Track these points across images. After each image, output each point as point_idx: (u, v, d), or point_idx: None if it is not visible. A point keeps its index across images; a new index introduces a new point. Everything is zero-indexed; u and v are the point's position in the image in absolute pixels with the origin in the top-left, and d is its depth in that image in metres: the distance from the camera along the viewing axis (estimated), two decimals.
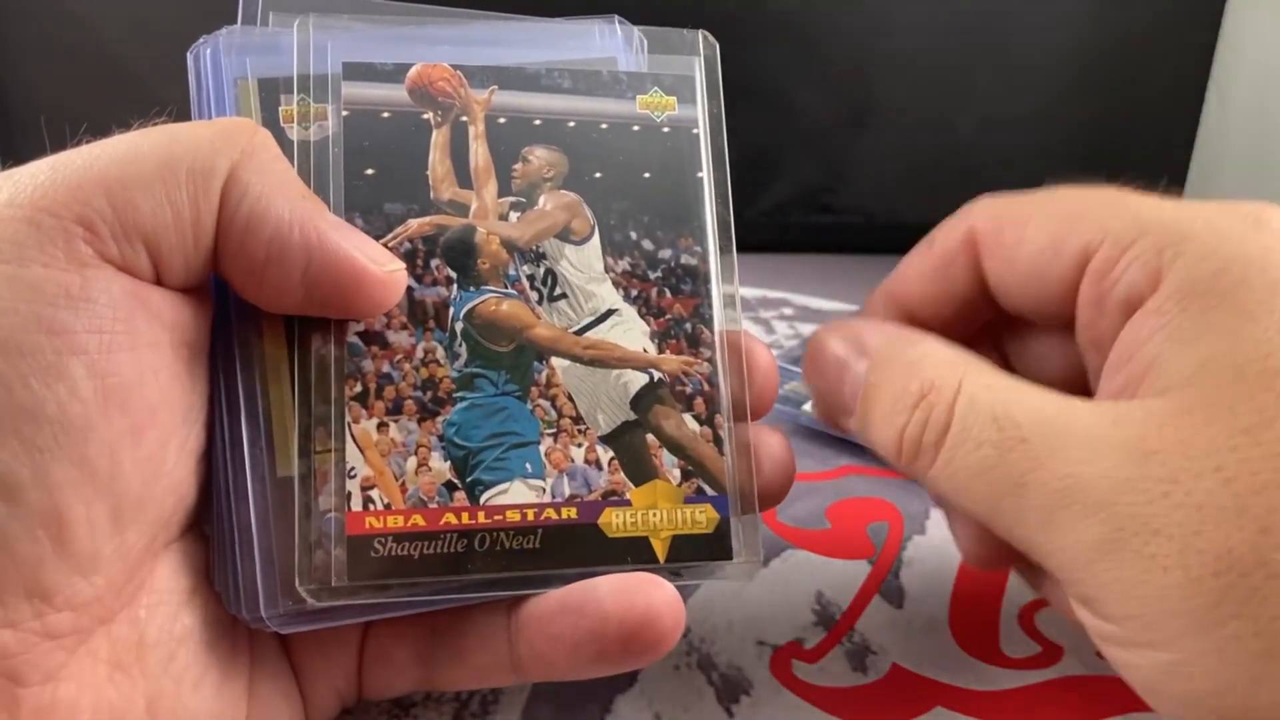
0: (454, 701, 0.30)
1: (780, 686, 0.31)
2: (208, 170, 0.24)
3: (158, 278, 0.24)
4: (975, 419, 0.25)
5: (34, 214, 0.22)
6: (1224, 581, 0.21)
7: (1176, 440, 0.23)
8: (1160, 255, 0.25)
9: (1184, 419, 0.23)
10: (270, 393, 0.26)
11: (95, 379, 0.22)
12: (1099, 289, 0.26)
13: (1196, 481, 0.22)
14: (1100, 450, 0.23)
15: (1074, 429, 0.24)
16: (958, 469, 0.25)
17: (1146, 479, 0.23)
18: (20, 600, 0.22)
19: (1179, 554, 0.22)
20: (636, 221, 0.30)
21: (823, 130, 0.65)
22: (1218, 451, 0.22)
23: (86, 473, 0.22)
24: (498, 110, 0.29)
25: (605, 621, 0.25)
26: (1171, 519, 0.22)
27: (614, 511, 0.28)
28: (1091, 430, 0.24)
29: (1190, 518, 0.22)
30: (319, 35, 0.28)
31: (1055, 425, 0.24)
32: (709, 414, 0.29)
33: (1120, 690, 0.31)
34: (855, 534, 0.38)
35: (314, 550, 0.25)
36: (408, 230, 0.28)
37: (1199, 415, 0.23)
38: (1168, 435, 0.23)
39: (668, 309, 0.29)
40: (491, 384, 0.28)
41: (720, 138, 0.30)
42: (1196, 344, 0.24)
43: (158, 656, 0.24)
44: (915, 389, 0.26)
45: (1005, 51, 0.62)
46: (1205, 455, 0.22)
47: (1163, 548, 0.22)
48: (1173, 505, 0.22)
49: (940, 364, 0.27)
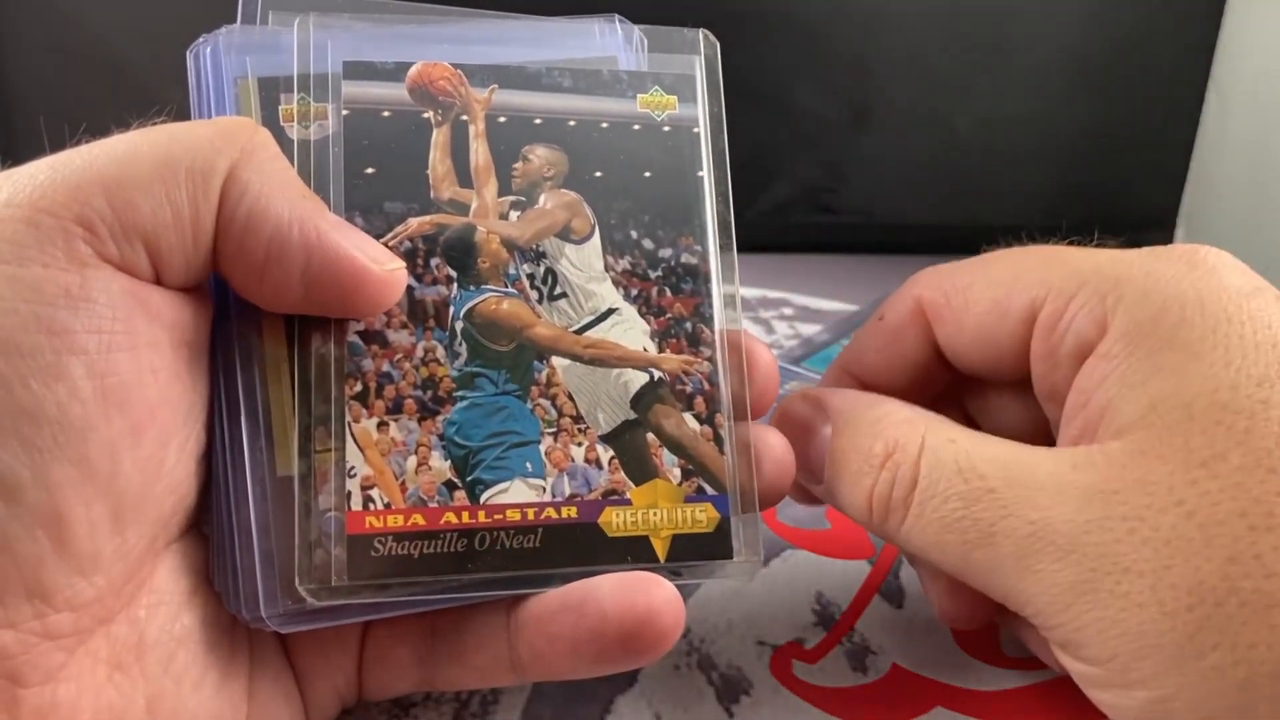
0: (454, 702, 0.30)
1: (780, 686, 0.31)
2: (207, 170, 0.24)
3: (157, 277, 0.24)
4: (941, 473, 0.26)
5: (33, 214, 0.22)
6: (1198, 614, 0.22)
7: (1136, 479, 0.23)
8: (1103, 302, 0.26)
9: (1142, 458, 0.23)
10: (270, 392, 0.26)
11: (95, 379, 0.22)
12: (1049, 343, 0.27)
13: (1161, 517, 0.23)
14: (1065, 494, 0.24)
15: (1037, 475, 0.25)
16: (928, 524, 0.26)
17: (1111, 518, 0.23)
18: (20, 600, 0.22)
19: (1151, 590, 0.22)
20: (637, 220, 0.30)
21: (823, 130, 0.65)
22: (1177, 487, 0.23)
23: (86, 473, 0.22)
24: (498, 109, 0.29)
25: (605, 621, 0.25)
26: (1140, 555, 0.22)
27: (614, 511, 0.27)
28: (1054, 475, 0.24)
29: (1159, 553, 0.22)
30: (319, 34, 0.28)
31: (1019, 473, 0.25)
32: (709, 413, 0.29)
33: None
34: (855, 534, 0.38)
35: (314, 550, 0.25)
36: (408, 229, 0.28)
37: (1156, 453, 0.23)
38: (1128, 475, 0.23)
39: (668, 308, 0.29)
40: (492, 383, 0.28)
41: (721, 137, 0.30)
42: (1146, 385, 0.24)
43: (158, 657, 0.24)
44: (880, 449, 0.27)
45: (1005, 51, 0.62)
46: (1166, 491, 0.23)
47: (1135, 585, 0.22)
48: (1140, 541, 0.22)
49: (901, 423, 0.28)
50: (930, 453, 0.26)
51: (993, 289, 0.28)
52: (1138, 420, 0.24)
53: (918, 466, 0.26)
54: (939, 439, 0.27)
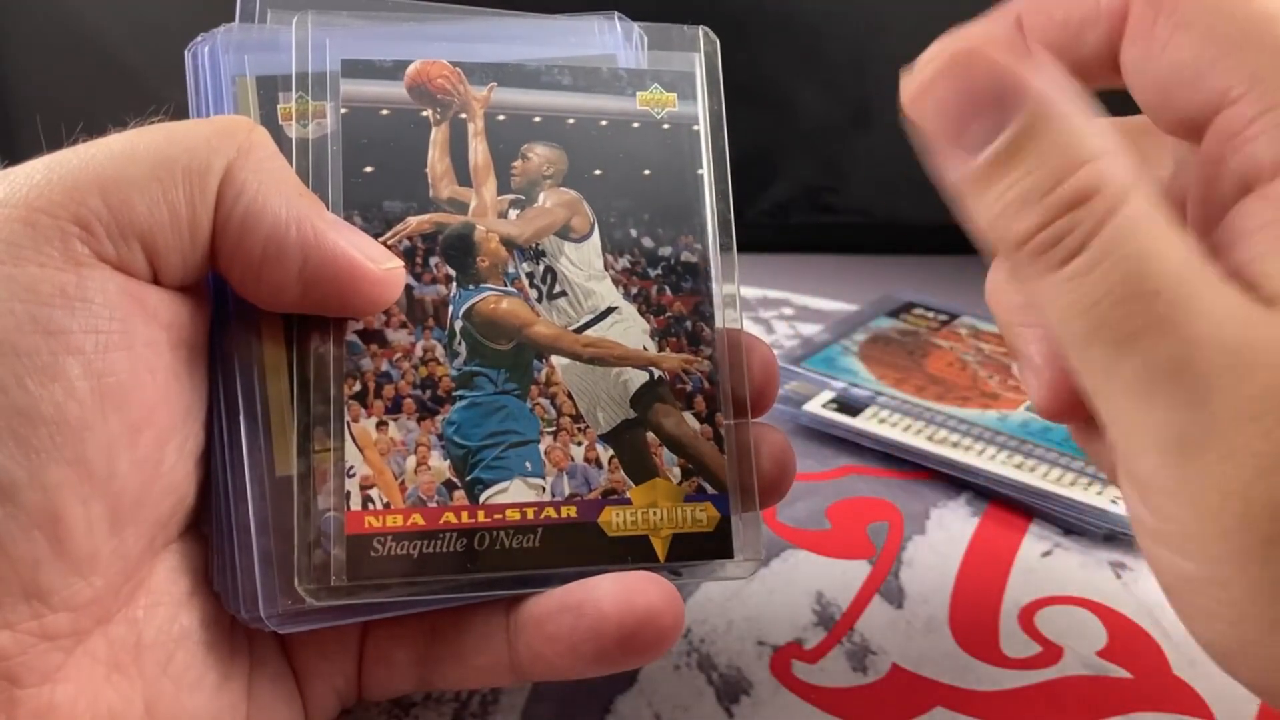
0: (454, 702, 0.30)
1: (780, 686, 0.31)
2: (204, 169, 0.24)
3: (155, 277, 0.24)
4: (1120, 247, 0.22)
5: (29, 214, 0.22)
6: (1276, 528, 0.20)
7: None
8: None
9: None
10: (269, 392, 0.26)
11: (92, 379, 0.22)
12: (1221, 148, 0.23)
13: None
14: (1223, 346, 0.21)
15: (1210, 312, 0.21)
16: (1075, 289, 0.22)
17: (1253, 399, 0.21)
18: (18, 601, 0.22)
19: (1246, 486, 0.21)
20: (636, 219, 0.29)
21: (823, 130, 0.65)
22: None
23: (83, 473, 0.22)
24: (497, 107, 0.29)
25: (604, 621, 0.25)
26: (1256, 448, 0.21)
27: (614, 510, 0.27)
28: (1225, 321, 0.21)
29: (1272, 454, 0.21)
30: (318, 32, 0.28)
31: (1191, 294, 0.22)
32: (709, 412, 0.29)
33: (1120, 690, 0.31)
34: (855, 534, 0.38)
35: (313, 550, 0.25)
36: (407, 228, 0.28)
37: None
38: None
39: (668, 307, 0.29)
40: (491, 382, 0.28)
41: (721, 135, 0.30)
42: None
43: (156, 657, 0.24)
44: (1076, 187, 0.22)
45: None
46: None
47: (1235, 470, 0.21)
48: (1262, 434, 0.21)
49: (1113, 169, 0.23)
50: (1124, 218, 0.22)
51: (1202, 44, 0.23)
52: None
53: (1103, 225, 0.22)
54: (1139, 209, 0.22)
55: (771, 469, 0.29)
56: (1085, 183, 0.22)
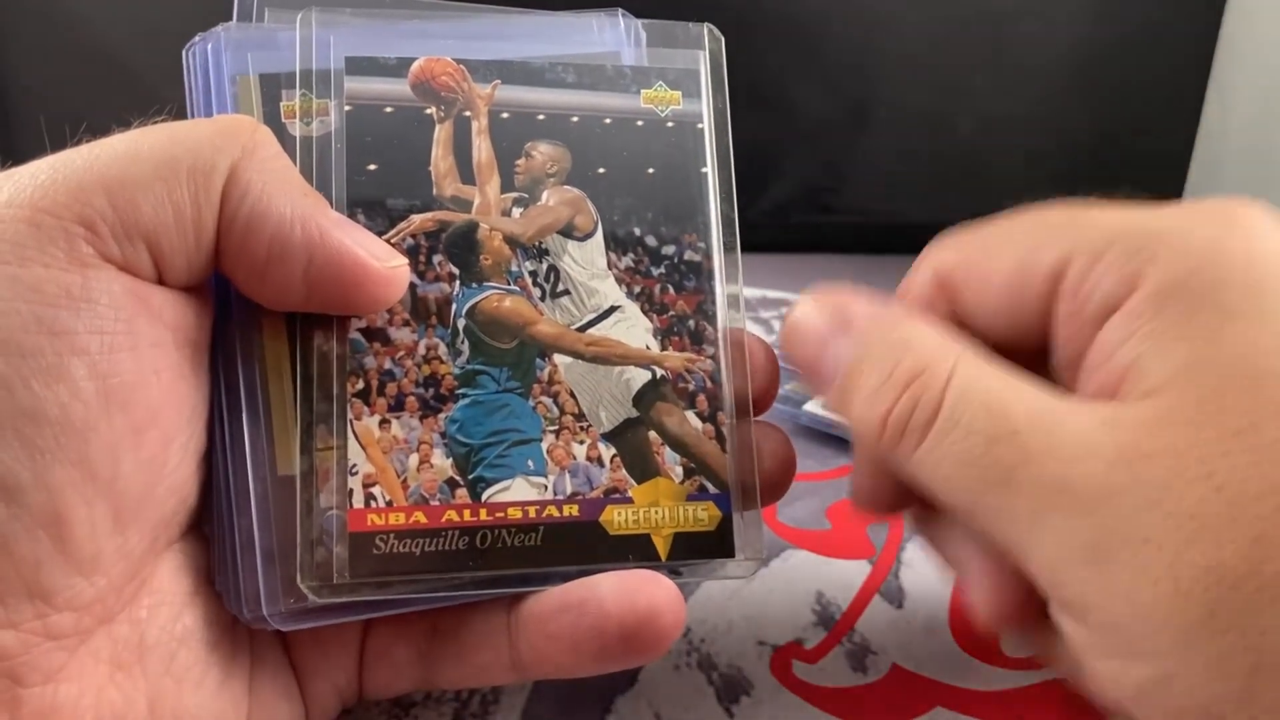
0: (454, 701, 0.30)
1: (780, 686, 0.31)
2: (208, 169, 0.24)
3: (159, 277, 0.24)
4: (966, 406, 0.24)
5: (34, 214, 0.22)
6: (1214, 595, 0.21)
7: (1166, 445, 0.22)
8: (1133, 259, 0.24)
9: (1171, 423, 0.22)
10: (271, 391, 0.26)
11: (96, 380, 0.22)
12: (1074, 304, 0.25)
13: (1188, 488, 0.21)
14: (1093, 451, 0.23)
15: (1067, 427, 0.23)
16: (944, 455, 0.24)
17: (1138, 485, 0.22)
18: (21, 601, 0.22)
19: (1169, 566, 0.21)
20: (640, 217, 0.29)
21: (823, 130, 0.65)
22: (1210, 458, 0.22)
23: (87, 473, 0.22)
24: (501, 105, 0.29)
25: (605, 619, 0.25)
26: (1163, 528, 0.21)
27: (616, 509, 0.27)
28: (1084, 430, 0.23)
29: (1182, 527, 0.21)
30: (321, 30, 0.28)
31: (1048, 421, 0.24)
32: (711, 411, 0.29)
33: None
34: (855, 534, 0.38)
35: (315, 547, 0.25)
36: (410, 226, 0.28)
37: (1186, 419, 0.22)
38: (1157, 441, 0.22)
39: (671, 305, 0.29)
40: (494, 381, 0.28)
41: (725, 133, 0.30)
42: (1178, 344, 0.23)
43: (159, 656, 0.24)
44: (906, 370, 0.26)
45: (1005, 51, 0.62)
46: (1198, 462, 0.22)
47: (1153, 558, 0.21)
48: (1164, 514, 0.21)
49: (933, 347, 0.26)
50: (959, 382, 0.25)
51: (1017, 252, 0.27)
52: (1167, 381, 0.23)
53: (943, 395, 0.25)
54: (969, 370, 0.25)
55: (774, 468, 0.29)
56: (914, 361, 0.25)
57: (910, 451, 0.25)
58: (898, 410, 0.25)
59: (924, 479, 0.25)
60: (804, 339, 0.28)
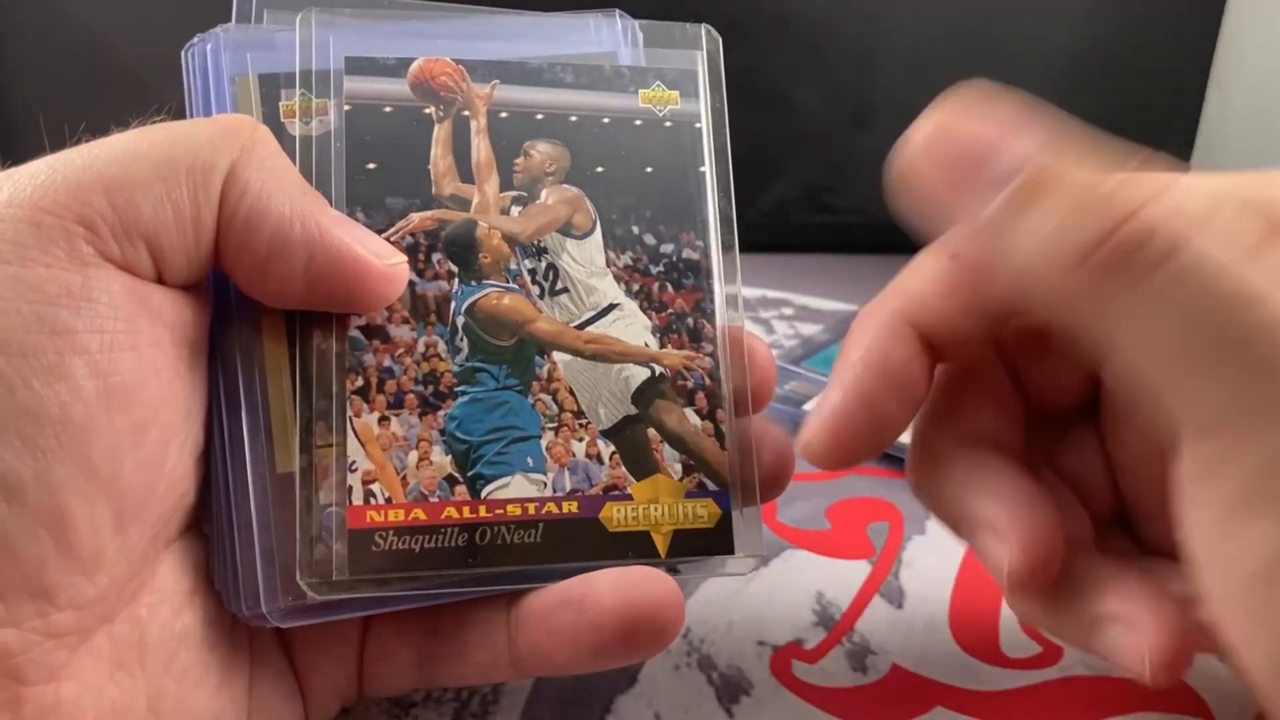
0: (454, 701, 0.30)
1: (780, 686, 0.31)
2: (207, 168, 0.24)
3: (159, 276, 0.24)
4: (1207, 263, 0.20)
5: (34, 214, 0.22)
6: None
7: None
8: None
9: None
10: (270, 388, 0.26)
11: (97, 379, 0.22)
12: None
13: None
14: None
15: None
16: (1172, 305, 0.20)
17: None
18: (23, 599, 0.22)
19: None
20: (638, 216, 0.30)
21: (823, 130, 0.65)
22: None
23: (88, 472, 0.22)
24: (500, 105, 0.29)
25: (605, 615, 0.25)
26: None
27: (615, 506, 0.27)
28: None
29: None
30: (321, 30, 0.28)
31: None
32: (710, 408, 0.29)
33: (1120, 690, 0.31)
34: (855, 534, 0.38)
35: (315, 544, 0.25)
36: (409, 224, 0.28)
37: None
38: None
39: (669, 303, 0.29)
40: (493, 378, 0.28)
41: (723, 132, 0.30)
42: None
43: (159, 655, 0.24)
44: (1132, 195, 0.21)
45: (1005, 51, 0.62)
46: None
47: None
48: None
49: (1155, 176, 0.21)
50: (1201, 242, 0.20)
51: None
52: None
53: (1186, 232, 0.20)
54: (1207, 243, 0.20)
55: (774, 464, 0.29)
56: (1140, 189, 0.21)
57: (1125, 287, 0.20)
58: (1122, 234, 0.20)
59: (1114, 325, 0.21)
60: (957, 144, 0.24)
